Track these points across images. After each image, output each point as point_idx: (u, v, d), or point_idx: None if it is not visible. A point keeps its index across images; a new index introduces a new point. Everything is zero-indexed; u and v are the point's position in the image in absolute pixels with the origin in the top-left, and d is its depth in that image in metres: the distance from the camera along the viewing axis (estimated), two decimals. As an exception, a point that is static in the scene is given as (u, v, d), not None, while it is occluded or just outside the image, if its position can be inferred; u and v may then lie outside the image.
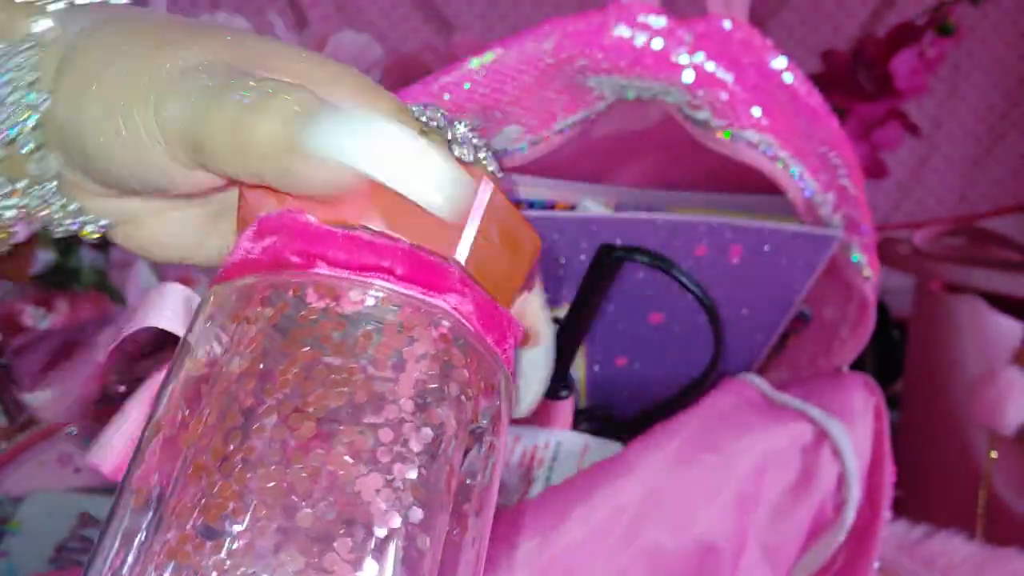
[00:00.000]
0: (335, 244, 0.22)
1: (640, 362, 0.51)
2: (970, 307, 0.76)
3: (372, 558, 0.19)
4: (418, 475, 0.20)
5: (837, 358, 0.51)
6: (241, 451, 0.19)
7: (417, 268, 0.22)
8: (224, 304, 0.22)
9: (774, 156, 0.43)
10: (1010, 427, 0.71)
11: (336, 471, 0.19)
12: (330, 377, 0.20)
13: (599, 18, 0.38)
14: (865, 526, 0.43)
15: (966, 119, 1.06)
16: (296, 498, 0.19)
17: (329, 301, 0.21)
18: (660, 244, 0.43)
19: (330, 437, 0.20)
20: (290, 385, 0.20)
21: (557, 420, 0.45)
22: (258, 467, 0.19)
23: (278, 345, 0.21)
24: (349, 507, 0.19)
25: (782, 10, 1.01)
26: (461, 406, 0.22)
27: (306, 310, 0.21)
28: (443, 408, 0.21)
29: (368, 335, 0.21)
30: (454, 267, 0.23)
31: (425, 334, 0.22)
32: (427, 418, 0.21)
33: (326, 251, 0.22)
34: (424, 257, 0.22)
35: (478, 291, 0.23)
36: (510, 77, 0.39)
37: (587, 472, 0.38)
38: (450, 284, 0.22)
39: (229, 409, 0.20)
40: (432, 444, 0.21)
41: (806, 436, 0.42)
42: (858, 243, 0.47)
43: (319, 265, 0.21)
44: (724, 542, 0.39)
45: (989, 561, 0.56)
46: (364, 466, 0.20)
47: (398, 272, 0.22)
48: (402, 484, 0.20)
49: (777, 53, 0.42)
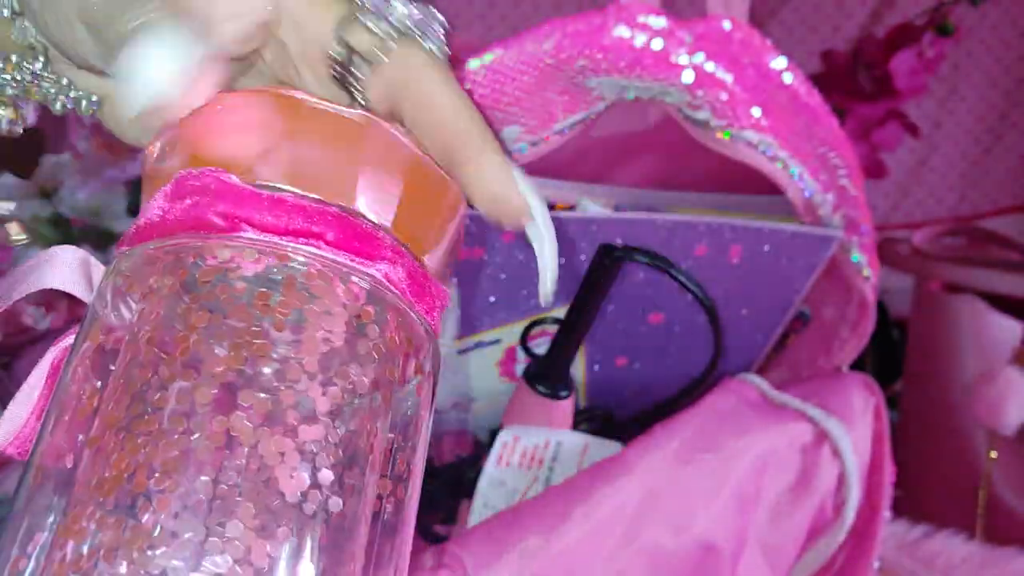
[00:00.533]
0: (261, 207, 0.21)
1: (640, 362, 0.51)
2: (970, 307, 0.76)
3: (281, 524, 0.19)
4: (327, 436, 0.20)
5: (837, 358, 0.51)
6: (143, 422, 0.19)
7: (347, 234, 0.21)
8: (131, 270, 0.21)
9: (774, 156, 0.43)
10: (1010, 427, 0.71)
11: (239, 437, 0.19)
12: (231, 340, 0.20)
13: (599, 19, 0.38)
14: (865, 526, 0.43)
15: (965, 119, 1.06)
16: (198, 467, 0.18)
17: (230, 263, 0.20)
18: (660, 244, 0.43)
19: (231, 402, 0.19)
20: (190, 352, 0.20)
21: (557, 420, 0.45)
22: (160, 438, 0.19)
23: (179, 311, 0.20)
24: (254, 473, 0.19)
25: (782, 10, 1.01)
26: (378, 367, 0.21)
27: (205, 273, 0.20)
28: (354, 367, 0.21)
29: (266, 295, 0.20)
30: (385, 235, 0.22)
31: (329, 291, 0.21)
32: (335, 378, 0.20)
33: (252, 214, 0.21)
34: (355, 223, 0.21)
35: (408, 259, 0.22)
36: (510, 78, 0.39)
37: (587, 472, 0.38)
38: (381, 252, 0.22)
39: (132, 380, 0.20)
40: (344, 405, 0.20)
41: (806, 436, 0.42)
42: (858, 243, 0.47)
43: (244, 229, 0.21)
44: (724, 542, 0.39)
45: (989, 561, 0.57)
46: (267, 429, 0.19)
47: (328, 238, 0.21)
48: (312, 447, 0.19)
49: (777, 53, 0.42)
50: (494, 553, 0.34)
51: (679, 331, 0.49)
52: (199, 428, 0.19)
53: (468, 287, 0.43)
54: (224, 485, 0.18)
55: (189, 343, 0.20)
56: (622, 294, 0.46)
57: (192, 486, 0.18)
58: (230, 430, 0.19)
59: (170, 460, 0.18)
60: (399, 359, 0.22)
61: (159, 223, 0.21)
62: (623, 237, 0.42)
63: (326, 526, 0.19)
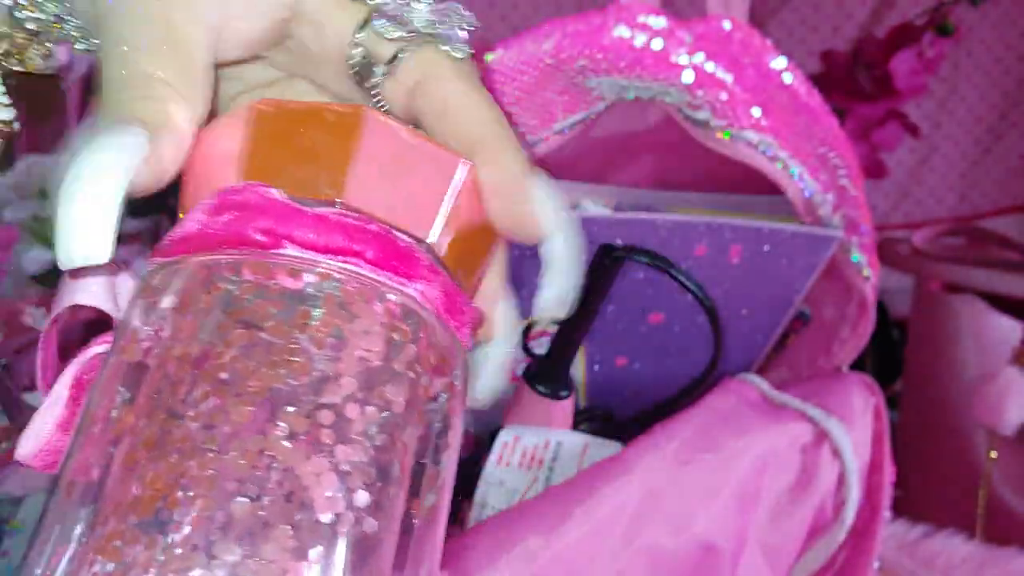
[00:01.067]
0: (304, 223, 0.21)
1: (640, 362, 0.51)
2: (969, 307, 0.76)
3: (316, 545, 0.18)
4: (364, 457, 0.19)
5: (837, 358, 0.51)
6: (177, 440, 0.19)
7: (387, 253, 0.21)
8: (166, 283, 0.21)
9: (774, 156, 0.43)
10: (1010, 427, 0.71)
11: (275, 456, 0.18)
12: (268, 358, 0.19)
13: (599, 19, 0.38)
14: (865, 526, 0.43)
15: (965, 119, 1.06)
16: (233, 487, 0.18)
17: (268, 279, 0.20)
18: (660, 244, 0.43)
19: (268, 421, 0.19)
20: (227, 368, 0.19)
21: (557, 420, 0.45)
22: (193, 456, 0.18)
23: (216, 327, 0.20)
24: (289, 494, 0.18)
25: (782, 10, 1.01)
26: (411, 384, 0.21)
27: (243, 289, 0.20)
28: (390, 387, 0.20)
29: (306, 313, 0.20)
30: (423, 253, 0.22)
31: (368, 310, 0.21)
32: (372, 397, 0.20)
33: (293, 231, 0.20)
34: (394, 241, 0.21)
35: (444, 277, 0.22)
36: (510, 78, 0.39)
37: (587, 472, 0.38)
38: (418, 271, 0.21)
39: (165, 396, 0.19)
40: (379, 424, 0.20)
41: (806, 436, 0.42)
42: (858, 243, 0.47)
43: (284, 245, 0.20)
44: (724, 542, 0.39)
45: (989, 561, 0.57)
46: (304, 450, 0.19)
47: (368, 256, 0.21)
48: (347, 467, 0.19)
49: (777, 53, 0.42)
50: (494, 553, 0.34)
51: (679, 331, 0.49)
52: (235, 447, 0.19)
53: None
54: (260, 505, 0.18)
55: (226, 359, 0.19)
56: (622, 294, 0.46)
57: (226, 506, 0.18)
58: (266, 449, 0.19)
59: (204, 479, 0.18)
60: (430, 376, 0.22)
61: (197, 236, 0.21)
62: (623, 237, 0.42)
63: (362, 547, 0.19)
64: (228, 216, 0.21)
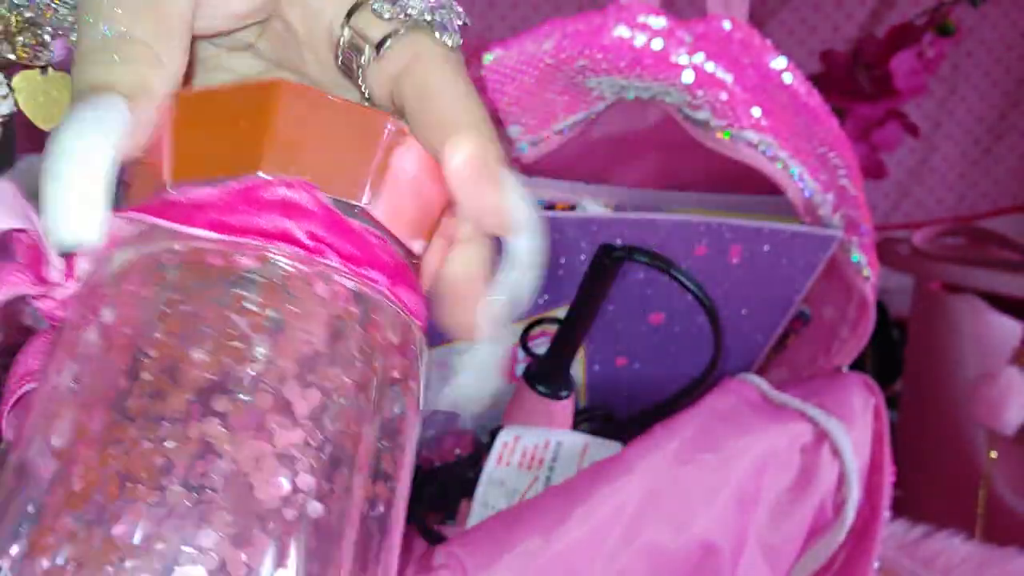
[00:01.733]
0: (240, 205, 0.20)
1: (640, 362, 0.51)
2: (969, 307, 0.76)
3: (257, 531, 0.18)
4: (307, 440, 0.19)
5: (837, 358, 0.51)
6: (116, 430, 0.18)
7: (332, 232, 0.20)
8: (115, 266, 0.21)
9: (774, 156, 0.43)
10: (1009, 427, 0.71)
11: (212, 443, 0.18)
12: (206, 345, 0.19)
13: (599, 19, 0.38)
14: (865, 526, 0.43)
15: (965, 119, 1.06)
16: (169, 476, 0.18)
17: (203, 262, 0.20)
18: (660, 244, 0.43)
19: (205, 408, 0.19)
20: (164, 354, 0.19)
21: (557, 420, 0.45)
22: (133, 447, 0.18)
23: (154, 314, 0.20)
24: (228, 480, 0.18)
25: (781, 11, 1.01)
26: (362, 368, 0.20)
27: (180, 274, 0.20)
28: (334, 368, 0.20)
29: (240, 297, 0.20)
30: (370, 229, 0.21)
31: (309, 292, 0.20)
32: (314, 379, 0.20)
33: (227, 215, 0.20)
34: (339, 218, 0.21)
35: (396, 258, 0.22)
36: (510, 78, 0.39)
37: (587, 472, 0.38)
38: (367, 252, 0.21)
39: (106, 384, 0.19)
40: (325, 408, 0.20)
41: (806, 436, 0.42)
42: (857, 243, 0.47)
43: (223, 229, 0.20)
44: (724, 542, 0.39)
45: (988, 561, 0.57)
46: (242, 434, 0.18)
47: (310, 236, 0.20)
48: (290, 451, 0.19)
49: (777, 53, 0.42)
50: (494, 553, 0.34)
51: (679, 331, 0.49)
52: (173, 435, 0.18)
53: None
54: (198, 493, 0.18)
55: (164, 348, 0.19)
56: (622, 294, 0.46)
57: (164, 495, 0.18)
58: (204, 437, 0.18)
59: (142, 469, 0.18)
60: (384, 359, 0.21)
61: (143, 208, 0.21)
62: (623, 237, 0.43)
63: (311, 531, 0.19)
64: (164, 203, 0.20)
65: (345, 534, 0.20)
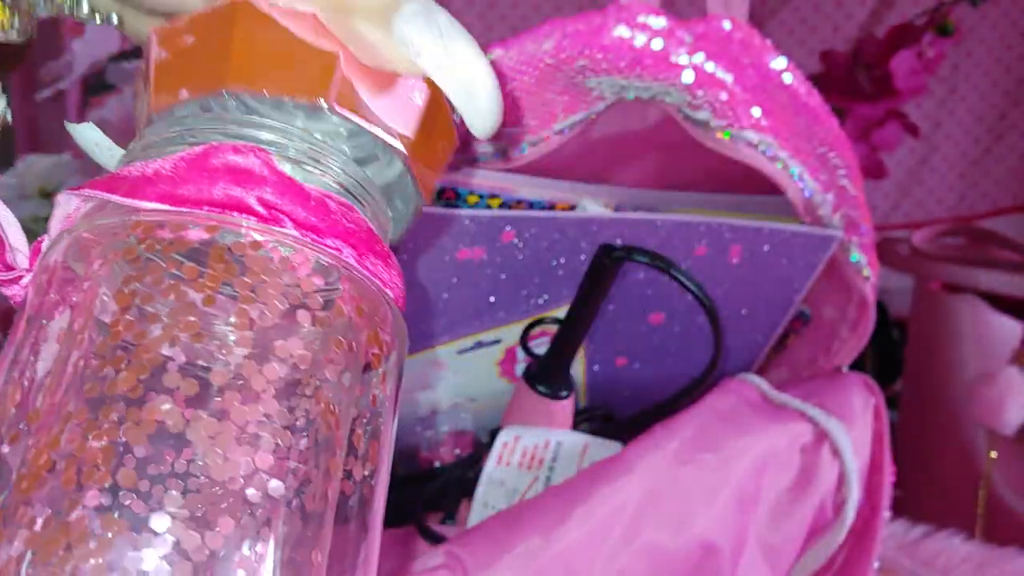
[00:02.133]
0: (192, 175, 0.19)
1: (640, 362, 0.51)
2: (969, 307, 0.76)
3: (217, 513, 0.17)
4: (266, 416, 0.18)
5: (837, 358, 0.51)
6: (74, 413, 0.18)
7: (289, 198, 0.20)
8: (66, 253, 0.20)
9: (774, 156, 0.43)
10: (1010, 427, 0.71)
11: (164, 422, 0.18)
12: (159, 322, 0.18)
13: (599, 19, 0.38)
14: (865, 526, 0.43)
15: (965, 119, 1.06)
16: (125, 458, 0.17)
17: (157, 236, 0.19)
18: (660, 244, 0.43)
19: (156, 384, 0.18)
20: (118, 332, 0.18)
21: (557, 420, 0.45)
22: (90, 429, 0.18)
23: (107, 290, 0.19)
24: (185, 461, 0.18)
25: (782, 10, 1.01)
26: (326, 340, 0.20)
27: (132, 248, 0.19)
28: (294, 341, 0.19)
29: (195, 270, 0.19)
30: (334, 200, 0.20)
31: (265, 263, 0.19)
32: (272, 353, 0.19)
33: (179, 187, 0.19)
34: (299, 188, 0.20)
35: (360, 225, 0.21)
36: (510, 78, 0.39)
37: (587, 472, 0.38)
38: (329, 220, 0.20)
39: (61, 366, 0.19)
40: (283, 382, 0.19)
41: (806, 436, 0.42)
42: (857, 243, 0.47)
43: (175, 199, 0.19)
44: (724, 542, 0.39)
45: (988, 561, 0.57)
46: (196, 412, 0.18)
47: (265, 205, 0.19)
48: (250, 428, 0.18)
49: (777, 53, 0.42)
50: (494, 553, 0.34)
51: (679, 331, 0.49)
52: (128, 417, 0.18)
53: (468, 287, 0.44)
54: (153, 477, 0.17)
55: (117, 326, 0.19)
56: (622, 294, 0.46)
57: (118, 479, 0.17)
58: (159, 417, 0.18)
59: (97, 452, 0.17)
60: (355, 333, 0.21)
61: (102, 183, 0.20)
62: (623, 237, 0.43)
63: (284, 512, 0.18)
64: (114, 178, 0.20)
65: (323, 515, 0.19)
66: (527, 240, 0.42)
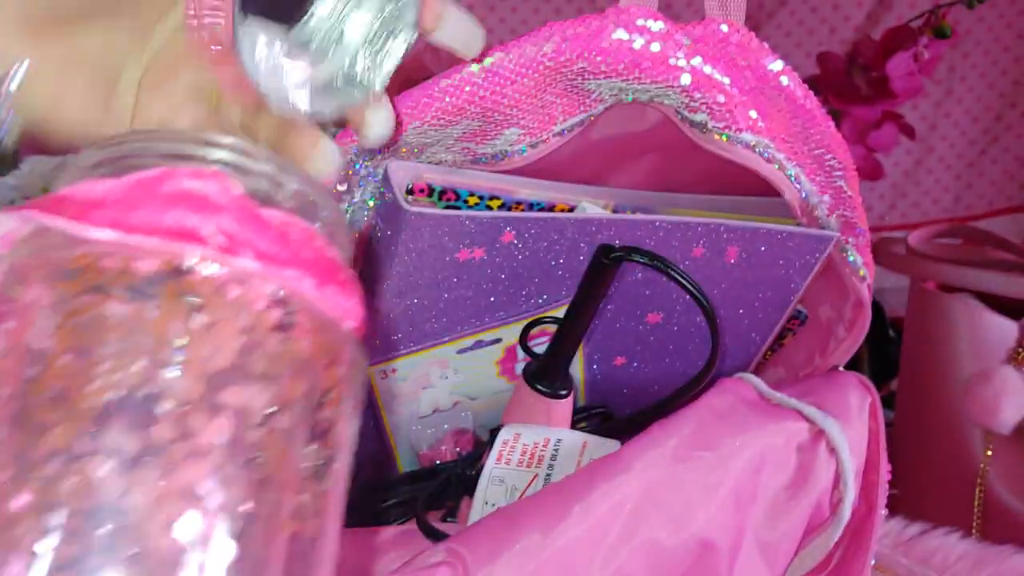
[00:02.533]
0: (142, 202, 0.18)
1: (638, 361, 0.51)
2: (965, 307, 0.76)
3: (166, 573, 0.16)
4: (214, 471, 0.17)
5: (833, 357, 0.51)
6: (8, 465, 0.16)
7: (246, 225, 0.18)
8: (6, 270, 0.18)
9: (771, 158, 0.44)
10: (1005, 425, 0.72)
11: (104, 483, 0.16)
12: (99, 365, 0.17)
13: (598, 22, 0.39)
14: (861, 524, 0.43)
15: (961, 121, 1.07)
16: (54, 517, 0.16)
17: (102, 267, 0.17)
18: (658, 245, 0.43)
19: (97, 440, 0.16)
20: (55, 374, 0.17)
21: (557, 418, 0.45)
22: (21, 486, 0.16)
23: (46, 325, 0.17)
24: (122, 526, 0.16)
25: (779, 13, 1.02)
26: (282, 380, 0.18)
27: (75, 283, 0.17)
28: (250, 385, 0.18)
29: (142, 308, 0.17)
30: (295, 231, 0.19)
31: (219, 299, 0.18)
32: (225, 401, 0.17)
33: (128, 213, 0.18)
34: (258, 215, 0.18)
35: (321, 252, 0.19)
36: (509, 80, 0.39)
37: (586, 470, 0.38)
38: (288, 249, 0.19)
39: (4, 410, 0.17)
40: (234, 432, 0.17)
41: (802, 434, 0.42)
42: (854, 244, 0.47)
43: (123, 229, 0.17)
44: (721, 539, 0.39)
45: (984, 558, 0.57)
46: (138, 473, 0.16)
47: (222, 234, 0.18)
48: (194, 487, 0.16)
49: (774, 56, 0.43)
50: (494, 550, 0.34)
51: (677, 331, 0.50)
52: (61, 474, 0.16)
53: (468, 287, 0.44)
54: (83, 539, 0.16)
55: (55, 367, 0.17)
56: (621, 294, 0.46)
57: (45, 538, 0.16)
58: (96, 476, 0.16)
59: (26, 510, 0.16)
60: (311, 369, 0.19)
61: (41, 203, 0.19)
62: (621, 238, 0.43)
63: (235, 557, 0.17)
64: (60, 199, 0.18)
65: (269, 562, 0.18)
66: (527, 241, 0.42)
